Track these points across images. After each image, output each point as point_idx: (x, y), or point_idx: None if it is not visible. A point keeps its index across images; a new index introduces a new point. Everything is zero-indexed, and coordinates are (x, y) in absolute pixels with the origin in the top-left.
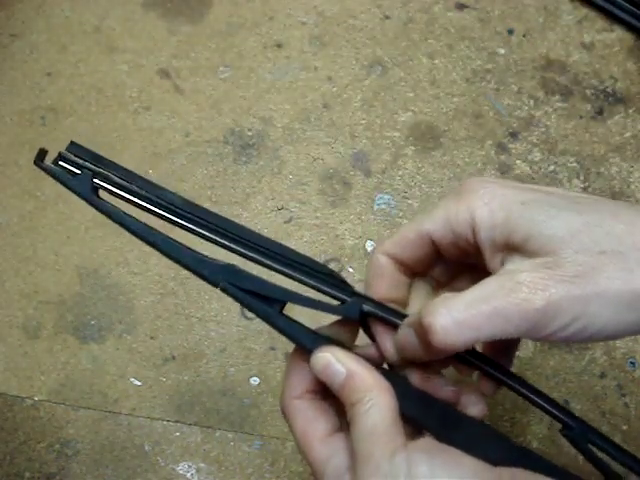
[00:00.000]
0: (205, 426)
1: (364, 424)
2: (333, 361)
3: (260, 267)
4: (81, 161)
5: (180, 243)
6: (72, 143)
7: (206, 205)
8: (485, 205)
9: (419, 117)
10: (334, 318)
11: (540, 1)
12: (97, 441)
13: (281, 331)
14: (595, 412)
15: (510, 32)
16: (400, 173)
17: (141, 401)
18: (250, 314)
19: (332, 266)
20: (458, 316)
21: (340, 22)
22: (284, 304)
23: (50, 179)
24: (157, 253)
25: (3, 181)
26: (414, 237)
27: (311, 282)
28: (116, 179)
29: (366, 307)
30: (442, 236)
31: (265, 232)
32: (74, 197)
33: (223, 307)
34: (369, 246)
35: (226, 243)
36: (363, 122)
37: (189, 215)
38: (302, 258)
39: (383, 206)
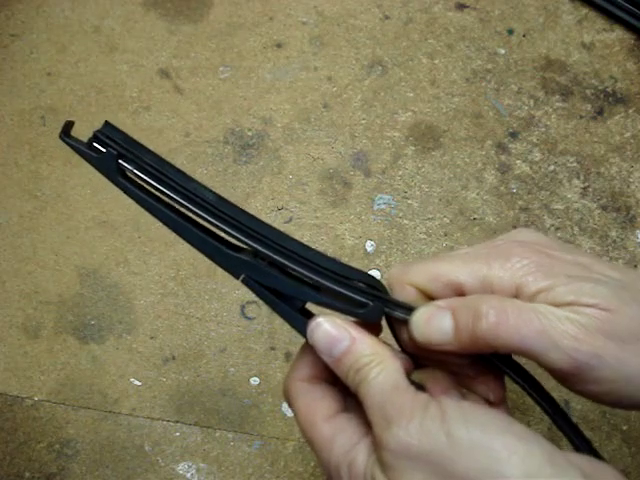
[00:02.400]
0: (205, 426)
1: (382, 382)
2: (335, 327)
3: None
4: (111, 142)
5: (205, 231)
6: (106, 123)
7: None
8: (530, 274)
9: (419, 117)
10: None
11: (540, 1)
12: (97, 441)
13: (298, 331)
14: (595, 412)
15: (510, 32)
16: (400, 173)
17: (141, 401)
18: (250, 314)
19: None
20: (513, 317)
21: (340, 22)
22: (304, 302)
23: (50, 179)
24: (157, 253)
25: (3, 181)
26: (446, 282)
27: (332, 286)
28: (145, 164)
29: (387, 310)
30: (477, 290)
31: None
32: (74, 197)
33: (223, 307)
34: (369, 246)
35: (254, 245)
36: (363, 122)
37: (219, 212)
38: (334, 264)
39: (383, 206)
